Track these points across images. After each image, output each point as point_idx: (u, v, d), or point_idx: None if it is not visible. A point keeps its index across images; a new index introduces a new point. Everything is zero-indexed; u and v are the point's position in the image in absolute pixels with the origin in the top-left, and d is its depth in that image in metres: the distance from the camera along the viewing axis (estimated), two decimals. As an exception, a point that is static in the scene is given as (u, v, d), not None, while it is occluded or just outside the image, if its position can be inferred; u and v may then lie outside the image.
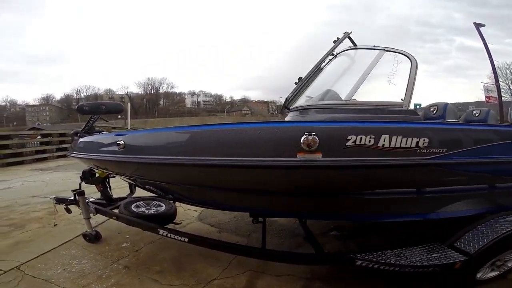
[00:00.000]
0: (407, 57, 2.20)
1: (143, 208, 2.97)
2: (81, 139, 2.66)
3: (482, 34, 13.67)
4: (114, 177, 3.16)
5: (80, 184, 3.06)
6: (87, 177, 3.10)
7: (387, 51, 2.16)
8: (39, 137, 12.05)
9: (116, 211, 2.94)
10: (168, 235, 2.34)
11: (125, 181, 3.34)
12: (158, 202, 3.11)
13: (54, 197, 3.25)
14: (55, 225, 3.42)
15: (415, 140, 1.56)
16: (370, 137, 1.51)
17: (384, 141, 1.52)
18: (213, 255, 2.49)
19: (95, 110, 2.32)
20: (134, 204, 2.97)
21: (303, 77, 2.15)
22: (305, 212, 2.27)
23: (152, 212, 2.93)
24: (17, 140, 10.89)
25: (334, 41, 2.20)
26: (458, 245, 1.82)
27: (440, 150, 1.61)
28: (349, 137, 1.50)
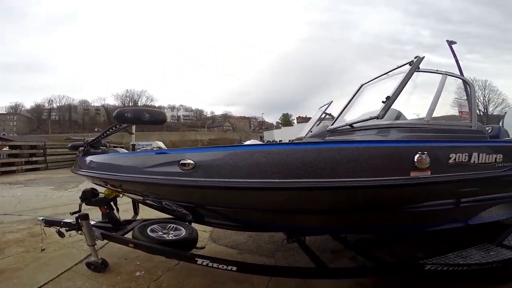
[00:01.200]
0: (466, 82, 2.39)
1: (160, 233, 2.50)
2: (105, 156, 2.19)
3: (453, 51, 14.43)
4: (121, 197, 2.69)
5: (80, 206, 2.54)
6: (88, 198, 2.59)
7: (448, 75, 2.25)
8: (6, 148, 10.76)
9: (127, 236, 2.45)
10: (210, 264, 1.93)
11: (134, 199, 2.87)
12: (174, 225, 2.66)
13: (42, 219, 2.64)
14: (43, 250, 2.78)
15: (494, 156, 1.82)
16: (465, 155, 1.69)
17: (474, 158, 1.73)
18: (245, 279, 2.15)
19: (137, 118, 1.81)
20: (149, 228, 2.49)
21: (390, 96, 1.95)
22: (359, 227, 2.12)
23: (173, 237, 2.47)
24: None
25: (410, 63, 2.12)
26: (507, 243, 2.07)
27: (508, 164, 1.88)
28: (451, 155, 1.65)
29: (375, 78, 2.61)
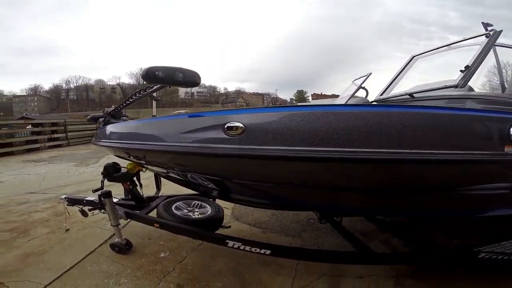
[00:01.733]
0: None
1: (185, 211, 2.37)
2: (128, 123, 1.96)
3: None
4: (144, 171, 2.53)
5: (102, 182, 2.39)
6: (111, 173, 2.42)
7: None
8: (29, 126, 10.97)
9: (152, 214, 2.32)
10: (242, 247, 1.80)
11: (157, 174, 2.71)
12: (199, 202, 2.51)
13: (65, 197, 2.56)
14: (67, 230, 2.75)
15: None
16: None
17: None
18: (273, 261, 2.01)
19: (170, 78, 1.49)
20: (174, 206, 2.35)
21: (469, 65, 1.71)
22: (408, 209, 1.88)
23: (199, 216, 2.33)
24: (6, 130, 9.86)
25: (486, 36, 1.86)
26: None
27: None
28: None
29: (430, 50, 2.39)
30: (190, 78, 1.53)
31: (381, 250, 2.23)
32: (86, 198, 2.43)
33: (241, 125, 1.25)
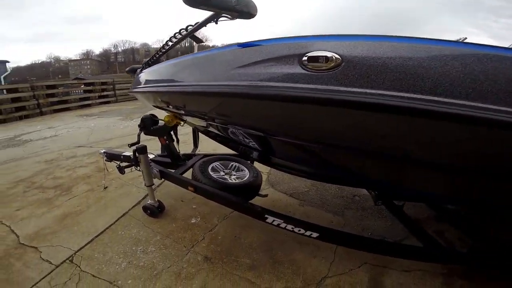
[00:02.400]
0: None
1: (221, 173, 2.09)
2: (168, 62, 1.62)
3: None
4: (182, 125, 2.26)
5: (138, 136, 2.18)
6: (148, 126, 2.19)
7: None
8: (82, 85, 11.61)
9: (186, 175, 2.10)
10: (283, 225, 1.50)
11: (196, 128, 2.45)
12: (236, 164, 2.20)
13: (104, 152, 2.40)
14: (105, 188, 2.70)
15: None
16: None
17: None
18: (310, 241, 1.68)
19: (222, 3, 1.08)
20: (211, 167, 2.07)
21: None
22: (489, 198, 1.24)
23: (236, 181, 2.03)
24: (62, 89, 10.51)
25: None
26: None
27: None
28: None
29: None
30: (245, 7, 1.12)
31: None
32: (123, 153, 2.26)
33: (335, 56, 0.82)
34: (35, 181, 3.01)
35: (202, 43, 1.45)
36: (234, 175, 2.11)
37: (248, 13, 1.15)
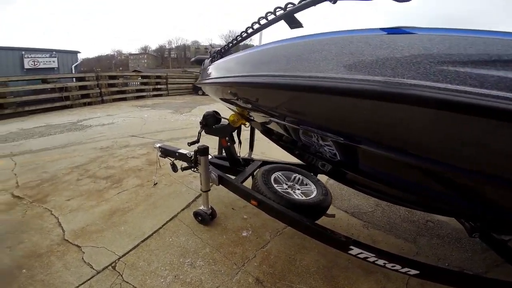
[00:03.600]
0: None
1: (284, 186, 1.74)
2: (249, 51, 1.32)
3: None
4: (247, 126, 1.99)
5: (199, 134, 1.92)
6: (210, 123, 1.92)
7: None
8: (139, 78, 12.18)
9: (243, 183, 1.79)
10: (372, 260, 1.19)
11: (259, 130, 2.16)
12: (299, 176, 1.83)
13: (159, 146, 2.14)
14: (155, 184, 2.50)
15: None
16: None
17: None
18: (378, 269, 1.40)
19: None
20: (273, 178, 1.73)
21: None
22: None
23: (303, 197, 1.66)
24: (122, 80, 11.08)
25: None
26: None
27: None
28: None
29: None
30: None
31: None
32: (178, 151, 2.02)
33: None
34: (89, 169, 2.95)
35: (301, 27, 1.04)
36: (298, 189, 1.75)
37: None
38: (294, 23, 1.03)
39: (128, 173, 2.83)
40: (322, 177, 2.14)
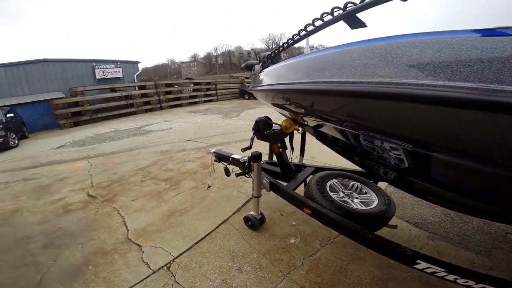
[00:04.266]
0: None
1: (341, 194, 1.63)
2: (306, 56, 1.28)
3: None
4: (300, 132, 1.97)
5: (252, 140, 1.93)
6: (262, 129, 1.91)
7: None
8: (192, 85, 12.91)
9: (297, 189, 1.74)
10: (442, 275, 1.05)
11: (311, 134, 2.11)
12: (358, 184, 1.69)
13: (214, 152, 2.24)
14: (208, 187, 2.59)
15: None
16: None
17: None
18: (442, 283, 1.24)
19: None
20: (328, 185, 1.63)
21: None
22: None
23: (362, 206, 1.53)
24: (177, 87, 11.91)
25: None
26: None
27: None
28: None
29: None
30: None
31: None
32: (232, 156, 2.08)
33: None
34: (151, 171, 3.20)
35: (364, 27, 0.95)
36: (357, 198, 1.61)
37: None
38: (356, 23, 0.95)
39: (185, 175, 3.00)
40: (381, 184, 1.97)
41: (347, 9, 0.96)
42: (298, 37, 1.33)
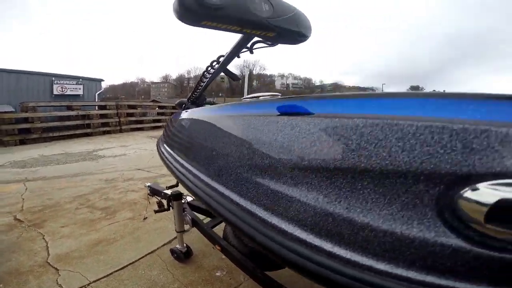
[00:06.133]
0: None
1: None
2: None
3: None
4: None
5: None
6: None
7: None
8: (157, 108, 13.14)
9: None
10: None
11: None
12: None
13: (148, 186, 2.52)
14: (144, 219, 2.80)
15: None
16: None
17: None
18: None
19: (246, 16, 0.61)
20: None
21: None
22: None
23: None
24: (141, 110, 12.04)
25: None
26: None
27: None
28: None
29: None
30: (289, 22, 0.68)
31: None
32: (164, 191, 2.32)
33: None
34: (90, 199, 3.34)
35: (238, 81, 1.29)
36: None
37: (296, 33, 0.73)
38: (232, 77, 1.17)
39: (124, 206, 3.16)
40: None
41: (220, 62, 1.10)
42: (202, 83, 1.48)
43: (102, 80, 14.07)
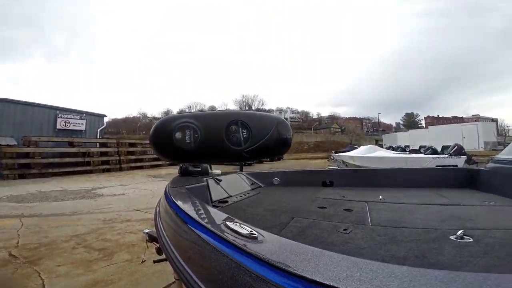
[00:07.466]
0: None
1: None
2: None
3: None
4: None
5: None
6: None
7: None
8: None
9: None
10: None
11: None
12: None
13: (146, 232, 2.57)
14: (143, 262, 2.80)
15: None
16: None
17: None
18: None
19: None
20: None
21: None
22: None
23: None
24: (141, 148, 12.31)
25: None
26: None
27: None
28: None
29: None
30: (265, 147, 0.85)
31: None
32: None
33: None
34: (87, 239, 3.36)
35: None
36: None
37: (276, 150, 0.92)
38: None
39: (122, 247, 3.18)
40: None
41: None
42: None
43: (104, 115, 14.56)
